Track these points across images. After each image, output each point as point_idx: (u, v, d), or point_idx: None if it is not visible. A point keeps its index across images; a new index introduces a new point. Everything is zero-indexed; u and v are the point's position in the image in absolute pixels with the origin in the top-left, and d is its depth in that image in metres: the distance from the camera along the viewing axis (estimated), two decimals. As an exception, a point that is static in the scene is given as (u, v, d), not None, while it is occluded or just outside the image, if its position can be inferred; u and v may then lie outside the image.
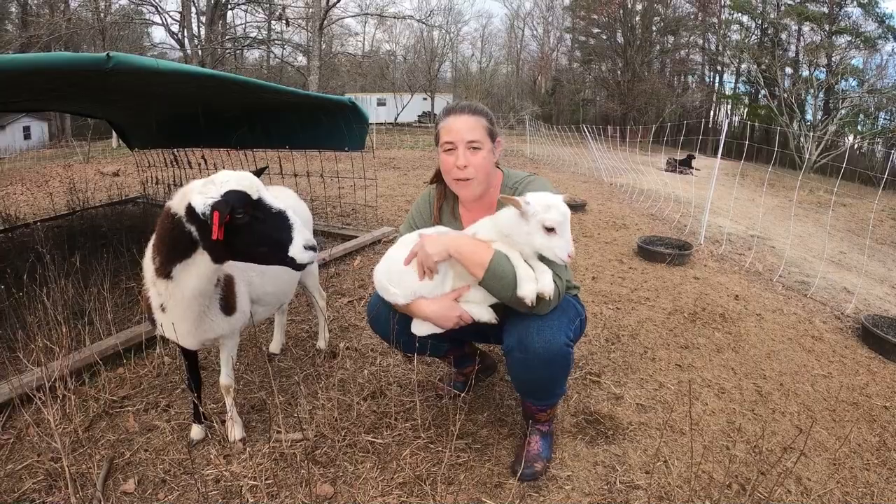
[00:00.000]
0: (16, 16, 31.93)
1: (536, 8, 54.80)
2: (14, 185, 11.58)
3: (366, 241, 5.90)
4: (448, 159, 2.27)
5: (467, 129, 2.22)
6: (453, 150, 2.25)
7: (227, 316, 2.35)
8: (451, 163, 2.26)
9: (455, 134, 2.23)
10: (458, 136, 2.22)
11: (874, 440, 2.86)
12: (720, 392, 3.17)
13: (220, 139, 6.96)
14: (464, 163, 2.21)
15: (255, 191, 1.94)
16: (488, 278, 2.04)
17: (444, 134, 2.27)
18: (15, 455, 2.48)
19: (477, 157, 2.23)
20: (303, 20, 33.49)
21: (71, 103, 7.29)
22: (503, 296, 2.07)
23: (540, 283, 2.00)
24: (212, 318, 2.28)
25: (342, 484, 2.30)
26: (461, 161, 2.21)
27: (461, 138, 2.22)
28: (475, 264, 2.06)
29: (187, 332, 2.26)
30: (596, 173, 13.69)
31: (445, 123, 2.27)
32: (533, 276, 2.01)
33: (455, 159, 2.23)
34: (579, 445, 2.59)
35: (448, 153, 2.27)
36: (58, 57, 3.16)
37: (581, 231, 7.17)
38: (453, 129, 2.24)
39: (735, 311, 4.44)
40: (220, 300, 2.29)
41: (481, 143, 2.23)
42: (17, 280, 3.52)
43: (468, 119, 2.24)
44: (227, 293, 2.33)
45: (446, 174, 2.31)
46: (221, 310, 2.31)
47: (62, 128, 34.09)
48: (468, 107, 2.28)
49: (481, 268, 2.04)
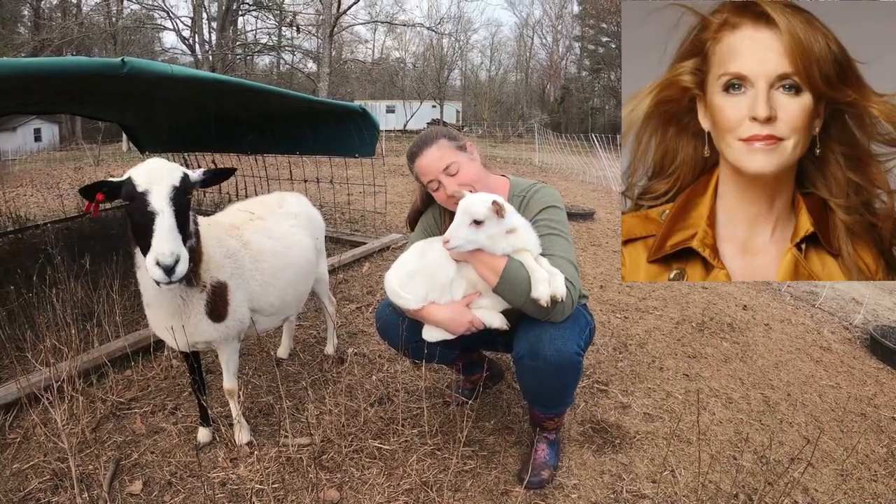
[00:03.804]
0: (28, 19, 32.18)
1: (546, 16, 54.93)
2: (24, 186, 11.65)
3: (374, 247, 5.91)
4: (440, 196, 2.31)
5: (437, 160, 2.26)
6: (439, 187, 2.28)
7: (216, 322, 2.32)
8: (443, 198, 2.30)
9: (429, 172, 2.28)
10: (433, 173, 2.27)
11: (882, 451, 2.84)
12: (727, 402, 3.15)
13: (230, 144, 6.99)
14: (451, 192, 2.23)
15: (145, 183, 1.90)
16: (502, 284, 2.05)
17: (421, 177, 2.33)
18: (22, 454, 2.49)
19: (459, 176, 2.26)
20: (313, 27, 33.67)
21: (83, 107, 7.34)
22: (517, 302, 2.07)
23: (553, 285, 2.01)
24: (195, 322, 2.26)
25: (348, 489, 2.30)
26: (450, 192, 2.24)
27: (436, 171, 2.26)
28: (490, 270, 2.07)
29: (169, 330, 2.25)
30: (604, 182, 13.68)
31: (417, 168, 2.32)
32: (546, 278, 2.01)
33: (443, 193, 2.28)
34: (586, 454, 2.59)
35: (436, 192, 2.31)
36: (73, 62, 3.18)
37: (589, 240, 7.17)
38: (425, 168, 2.29)
39: (743, 321, 4.42)
40: (205, 304, 2.27)
41: (456, 163, 2.26)
42: (27, 280, 3.54)
43: (431, 152, 2.27)
44: (214, 299, 2.30)
45: (447, 207, 2.34)
46: (208, 315, 2.28)
47: (73, 130, 34.33)
48: (424, 141, 2.31)
49: (496, 274, 2.05)
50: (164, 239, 1.84)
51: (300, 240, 2.92)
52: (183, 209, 1.96)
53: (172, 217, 1.89)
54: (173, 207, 1.90)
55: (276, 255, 2.66)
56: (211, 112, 6.18)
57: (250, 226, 2.67)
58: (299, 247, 2.89)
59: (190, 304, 2.24)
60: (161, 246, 1.83)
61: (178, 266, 1.84)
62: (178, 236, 1.88)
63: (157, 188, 1.90)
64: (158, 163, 1.99)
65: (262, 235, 2.66)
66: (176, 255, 1.83)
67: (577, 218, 8.29)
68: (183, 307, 2.23)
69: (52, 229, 6.37)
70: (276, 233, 2.77)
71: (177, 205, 1.92)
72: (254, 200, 3.07)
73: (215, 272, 2.29)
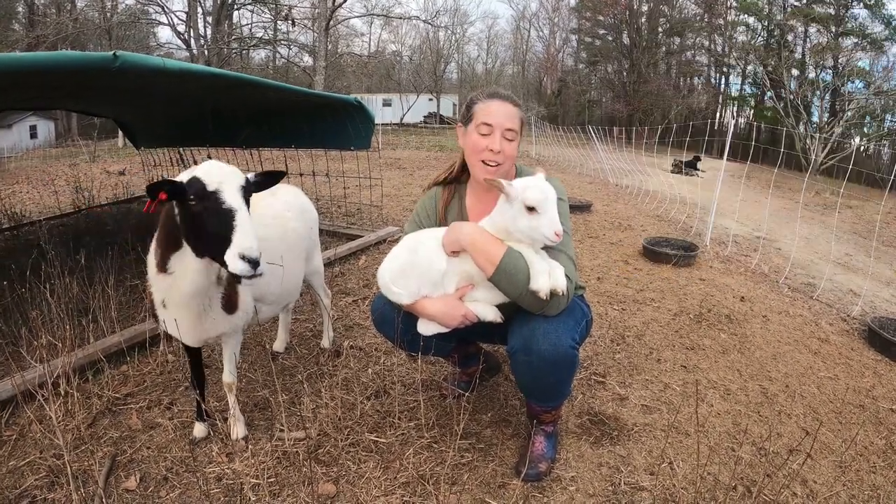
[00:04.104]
0: (22, 15, 32.03)
1: (542, 9, 54.66)
2: (20, 183, 11.60)
3: (370, 240, 5.89)
4: (481, 141, 2.24)
5: (508, 117, 2.22)
6: (489, 134, 2.22)
7: (229, 314, 2.33)
8: (483, 145, 2.23)
9: (495, 118, 2.22)
10: (497, 121, 2.21)
11: (881, 443, 2.84)
12: (726, 393, 3.15)
13: (226, 138, 6.96)
14: (499, 148, 2.20)
15: (215, 182, 1.91)
16: (499, 274, 2.03)
17: (482, 115, 2.24)
18: (17, 451, 2.48)
19: (510, 146, 2.23)
20: (309, 20, 33.56)
21: (78, 102, 7.30)
22: (513, 293, 2.06)
23: (553, 277, 1.99)
24: (213, 316, 2.27)
25: (345, 483, 2.29)
26: (496, 146, 2.20)
27: (500, 123, 2.21)
28: (486, 260, 2.05)
29: (189, 329, 2.26)
30: (601, 174, 13.67)
31: (486, 106, 2.25)
32: (547, 270, 2.00)
33: (489, 142, 2.22)
34: (584, 446, 2.58)
35: (483, 136, 2.24)
36: (65, 56, 3.15)
37: (586, 232, 7.16)
38: (494, 112, 2.23)
39: (741, 312, 4.41)
40: (221, 298, 2.28)
41: (516, 135, 2.24)
42: (22, 276, 3.52)
43: (510, 108, 2.24)
44: (229, 291, 2.31)
45: (475, 154, 2.27)
46: (223, 308, 2.30)
47: (68, 127, 34.25)
48: (511, 97, 2.28)
49: (492, 264, 2.03)
50: (248, 234, 1.87)
51: (295, 227, 2.92)
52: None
53: (248, 213, 1.91)
54: (246, 204, 1.93)
55: (274, 242, 2.66)
56: (207, 107, 6.14)
57: None
58: (295, 234, 2.90)
59: (213, 302, 2.26)
60: (246, 240, 1.85)
61: (261, 259, 1.86)
62: (255, 231, 1.90)
63: (228, 187, 1.92)
64: (218, 164, 1.99)
65: (260, 223, 2.65)
66: (259, 249, 1.86)
67: (575, 210, 8.27)
68: (208, 307, 2.24)
69: (48, 226, 6.33)
70: (272, 220, 2.77)
71: (246, 202, 1.95)
72: None
73: None
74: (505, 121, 2.21)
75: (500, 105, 2.24)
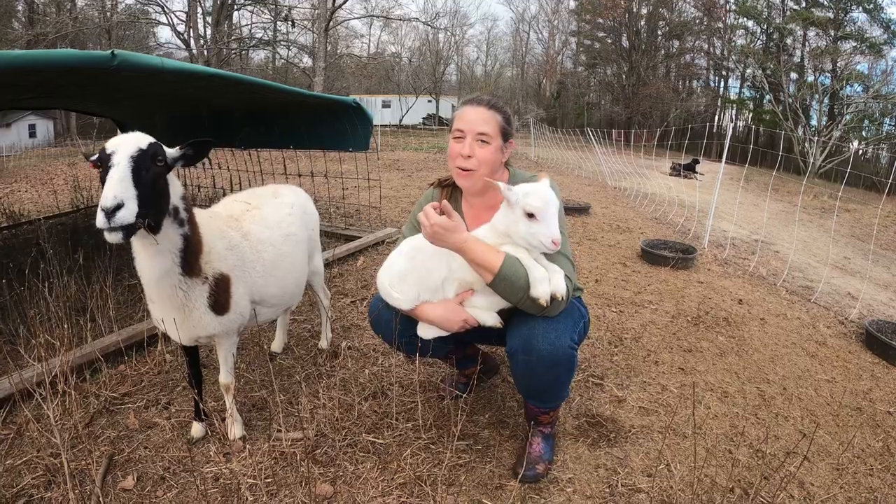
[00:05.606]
0: (22, 13, 31.99)
1: (542, 11, 54.85)
2: (19, 182, 11.59)
3: (369, 241, 5.89)
4: (454, 146, 2.27)
5: (480, 121, 2.22)
6: (462, 139, 2.24)
7: (218, 315, 2.31)
8: (456, 150, 2.25)
9: (467, 123, 2.23)
10: (468, 126, 2.23)
11: (878, 445, 2.84)
12: (723, 396, 3.15)
13: (224, 139, 6.96)
14: (468, 153, 2.21)
15: (111, 147, 1.88)
16: (498, 281, 2.02)
17: (456, 121, 2.28)
18: (14, 450, 2.48)
19: (484, 150, 2.22)
20: (308, 21, 33.62)
21: (76, 102, 7.29)
22: (513, 299, 2.05)
23: (553, 283, 1.99)
24: (199, 315, 2.25)
25: (342, 484, 2.29)
26: (466, 150, 2.21)
27: (472, 129, 2.22)
28: (485, 268, 2.04)
29: (175, 324, 2.23)
30: (600, 177, 13.68)
31: (461, 112, 2.28)
32: (546, 276, 2.00)
33: (461, 148, 2.23)
34: (581, 448, 2.58)
35: (456, 140, 2.27)
36: (63, 54, 3.15)
37: (585, 234, 7.16)
38: (466, 118, 2.24)
39: (738, 315, 4.42)
40: (207, 297, 2.26)
41: (491, 138, 2.23)
42: (20, 275, 3.52)
43: (483, 112, 2.24)
44: (217, 292, 2.29)
45: (450, 160, 2.30)
46: (210, 308, 2.27)
47: (67, 126, 34.23)
48: (487, 100, 2.29)
49: (490, 272, 2.02)
50: (111, 186, 1.78)
51: (296, 231, 2.90)
52: (150, 175, 1.90)
53: (129, 171, 1.83)
54: (132, 165, 1.85)
55: (275, 245, 2.66)
56: (205, 107, 6.14)
57: (248, 216, 2.66)
58: (295, 237, 2.89)
59: (192, 297, 2.22)
60: (105, 191, 1.77)
61: (119, 211, 1.76)
62: (128, 186, 1.81)
63: (121, 149, 1.87)
64: (133, 134, 1.96)
65: (261, 225, 2.65)
66: (119, 199, 1.76)
67: (573, 212, 8.31)
68: (185, 300, 2.21)
69: (46, 225, 6.32)
70: (273, 222, 2.76)
71: (139, 165, 1.87)
72: (248, 192, 3.05)
73: (217, 264, 2.28)
74: (477, 125, 2.22)
75: (473, 110, 2.25)
